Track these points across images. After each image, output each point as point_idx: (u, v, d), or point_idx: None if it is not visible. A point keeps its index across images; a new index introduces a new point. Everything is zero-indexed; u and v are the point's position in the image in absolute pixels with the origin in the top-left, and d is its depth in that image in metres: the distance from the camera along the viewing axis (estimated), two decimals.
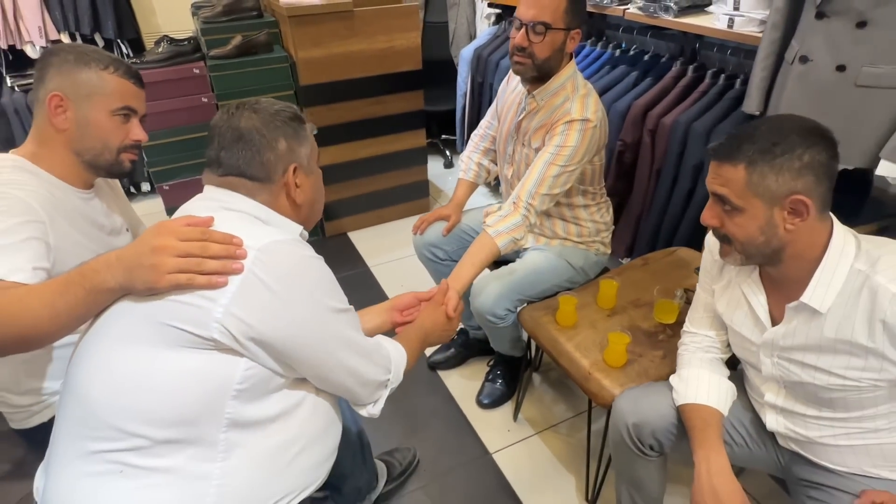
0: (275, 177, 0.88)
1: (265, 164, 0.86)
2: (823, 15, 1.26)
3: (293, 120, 0.90)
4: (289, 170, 0.89)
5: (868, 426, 0.95)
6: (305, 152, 0.92)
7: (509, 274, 1.55)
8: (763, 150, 0.85)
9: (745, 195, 0.88)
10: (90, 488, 0.76)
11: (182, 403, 0.76)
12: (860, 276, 0.87)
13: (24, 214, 0.91)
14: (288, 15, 2.26)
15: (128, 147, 1.07)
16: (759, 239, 0.90)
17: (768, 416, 1.06)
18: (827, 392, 0.94)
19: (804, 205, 0.85)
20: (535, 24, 1.35)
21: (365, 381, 0.93)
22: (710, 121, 1.78)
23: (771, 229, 0.89)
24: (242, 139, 0.86)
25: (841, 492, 0.98)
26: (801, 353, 0.94)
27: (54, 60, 1.00)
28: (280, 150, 0.87)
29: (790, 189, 0.85)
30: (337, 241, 2.79)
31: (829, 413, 0.97)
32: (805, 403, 0.99)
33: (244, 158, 0.86)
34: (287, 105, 0.92)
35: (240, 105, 0.89)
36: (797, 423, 1.02)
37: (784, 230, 0.88)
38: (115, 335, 0.77)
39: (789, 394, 1.01)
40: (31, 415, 1.09)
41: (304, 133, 0.92)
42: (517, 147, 1.59)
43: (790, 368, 0.97)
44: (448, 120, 3.32)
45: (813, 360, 0.93)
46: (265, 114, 0.88)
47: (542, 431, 1.73)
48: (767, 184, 0.86)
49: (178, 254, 0.72)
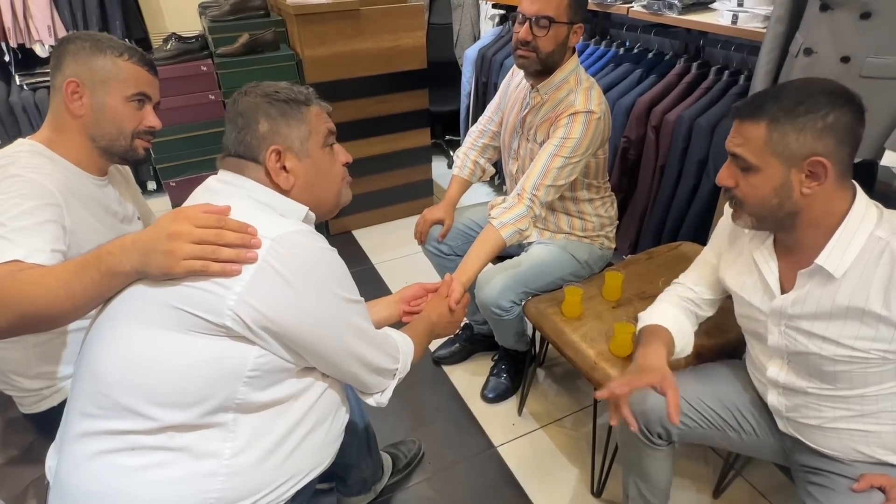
0: (259, 158, 0.87)
1: (246, 145, 0.87)
2: (827, 7, 1.27)
3: (286, 102, 0.88)
4: (270, 153, 0.86)
5: (870, 408, 0.94)
6: (297, 134, 0.88)
7: (514, 267, 1.56)
8: (787, 109, 0.84)
9: (763, 153, 0.87)
10: (102, 466, 0.77)
11: (194, 387, 0.76)
12: (880, 244, 0.86)
13: (43, 198, 0.92)
14: (295, 14, 2.29)
15: (142, 133, 1.08)
16: (772, 201, 0.89)
17: (770, 394, 1.06)
18: (832, 364, 0.93)
19: (823, 167, 0.84)
20: (538, 18, 1.37)
21: (374, 369, 0.93)
22: (715, 117, 1.79)
23: (786, 191, 0.87)
24: (232, 120, 0.88)
25: (841, 476, 0.98)
26: (810, 321, 0.93)
27: (71, 48, 1.02)
28: (260, 132, 0.86)
29: (811, 150, 0.84)
30: (342, 238, 2.80)
31: (830, 390, 0.96)
32: (808, 378, 0.98)
33: (233, 139, 0.88)
34: (290, 87, 0.91)
35: (249, 88, 0.90)
36: (798, 401, 1.01)
37: (800, 194, 0.87)
38: (131, 317, 0.78)
39: (791, 368, 1.01)
40: (42, 399, 1.10)
41: (296, 114, 0.88)
42: (522, 142, 1.60)
43: (797, 338, 0.96)
44: (452, 120, 3.34)
45: (821, 329, 0.92)
46: (256, 95, 0.88)
47: (547, 425, 1.73)
48: (788, 142, 0.85)
49: (194, 240, 0.72)
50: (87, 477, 0.78)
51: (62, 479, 0.81)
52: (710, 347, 1.32)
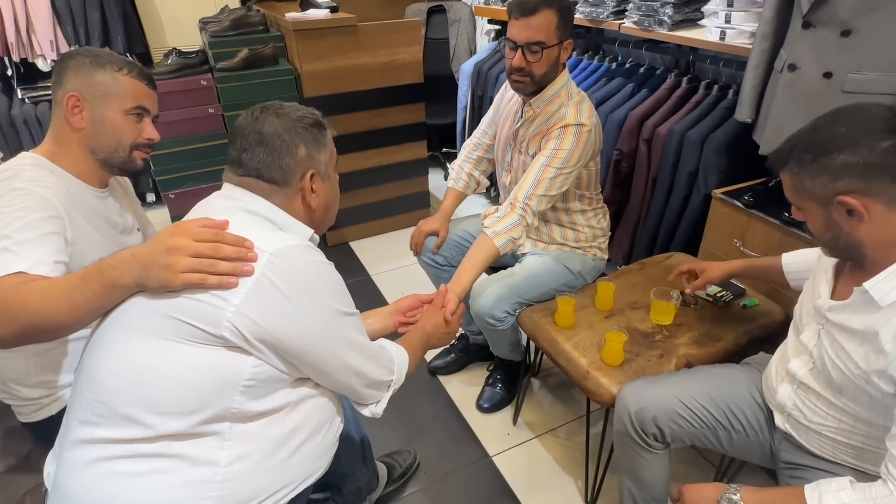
0: (292, 181, 0.90)
1: (284, 169, 0.88)
2: (810, 25, 1.31)
3: (314, 126, 0.92)
4: (306, 176, 0.90)
5: (876, 434, 0.92)
6: (324, 159, 0.93)
7: (508, 277, 1.58)
8: (797, 159, 0.88)
9: (799, 197, 0.91)
10: (100, 473, 0.79)
11: (192, 396, 0.78)
12: None
13: (45, 210, 0.94)
14: (294, 29, 2.33)
15: (140, 145, 1.11)
16: (826, 235, 0.91)
17: (783, 386, 1.05)
18: (851, 384, 0.91)
19: (854, 205, 0.84)
20: (530, 45, 1.39)
21: (369, 381, 0.95)
22: (705, 130, 1.82)
23: (834, 227, 0.89)
24: (264, 143, 0.88)
25: (825, 473, 0.98)
26: (847, 336, 0.92)
27: (72, 63, 1.05)
28: (299, 156, 0.89)
29: (832, 191, 0.85)
30: (339, 250, 2.82)
31: (844, 404, 0.95)
32: (826, 385, 0.97)
33: (264, 162, 0.88)
34: (311, 111, 0.94)
35: (264, 108, 0.91)
36: (808, 401, 1.01)
37: (849, 228, 0.87)
38: (130, 327, 0.80)
39: (815, 370, 1.00)
40: (40, 408, 1.11)
41: (324, 140, 0.93)
42: (515, 154, 1.63)
43: (828, 347, 0.95)
44: (449, 133, 3.38)
45: (852, 348, 0.90)
46: (288, 119, 0.90)
47: (542, 435, 1.74)
48: (810, 188, 0.87)
49: (192, 254, 0.74)
50: (85, 483, 0.79)
51: (60, 485, 0.82)
52: (701, 356, 1.34)
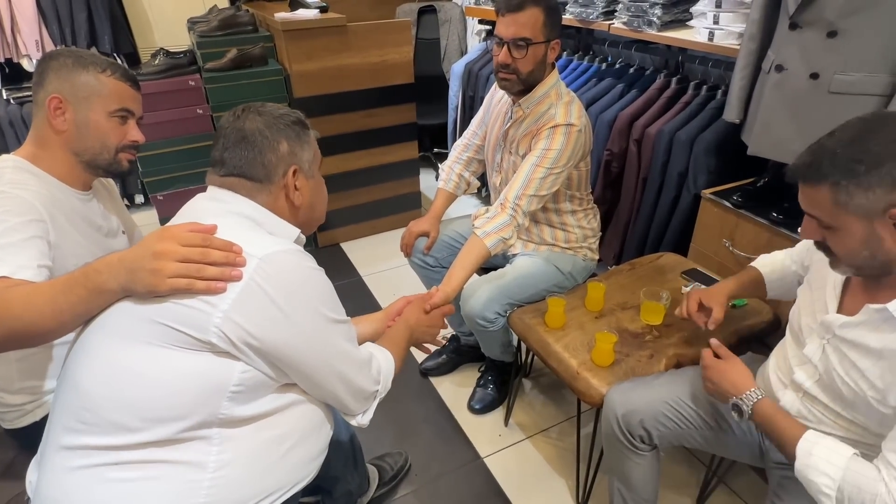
0: (275, 178, 0.90)
1: (266, 165, 0.88)
2: (796, 26, 1.31)
3: (296, 124, 0.92)
4: (289, 172, 0.91)
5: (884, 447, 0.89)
6: (307, 157, 0.94)
7: (499, 278, 1.58)
8: (846, 169, 0.78)
9: (836, 214, 0.81)
10: (84, 480, 0.77)
11: (178, 402, 0.77)
12: None
13: (27, 214, 0.93)
14: (283, 29, 2.32)
15: (125, 147, 1.10)
16: (862, 253, 0.83)
17: (787, 394, 1.02)
18: (862, 399, 0.88)
19: None
20: (515, 41, 1.40)
21: (356, 390, 0.94)
22: (694, 130, 1.83)
23: (875, 243, 0.81)
24: (245, 140, 0.88)
25: None
26: (857, 353, 0.87)
27: (53, 64, 1.03)
28: (281, 152, 0.89)
29: (887, 202, 0.77)
30: (330, 251, 2.81)
31: (850, 416, 0.92)
32: (833, 397, 0.94)
33: (246, 159, 0.88)
34: (292, 110, 0.95)
35: (246, 108, 0.91)
36: (814, 411, 0.98)
37: (892, 243, 0.80)
38: (116, 332, 0.78)
39: (822, 382, 0.96)
40: (24, 414, 1.09)
41: (306, 137, 0.94)
42: (505, 155, 1.63)
43: (835, 364, 0.91)
44: (440, 134, 3.38)
45: (867, 366, 0.86)
46: (269, 116, 0.90)
47: (533, 436, 1.74)
48: (858, 202, 0.79)
49: (179, 259, 0.73)
50: (68, 491, 0.78)
51: (42, 493, 0.80)
52: (691, 356, 1.34)
